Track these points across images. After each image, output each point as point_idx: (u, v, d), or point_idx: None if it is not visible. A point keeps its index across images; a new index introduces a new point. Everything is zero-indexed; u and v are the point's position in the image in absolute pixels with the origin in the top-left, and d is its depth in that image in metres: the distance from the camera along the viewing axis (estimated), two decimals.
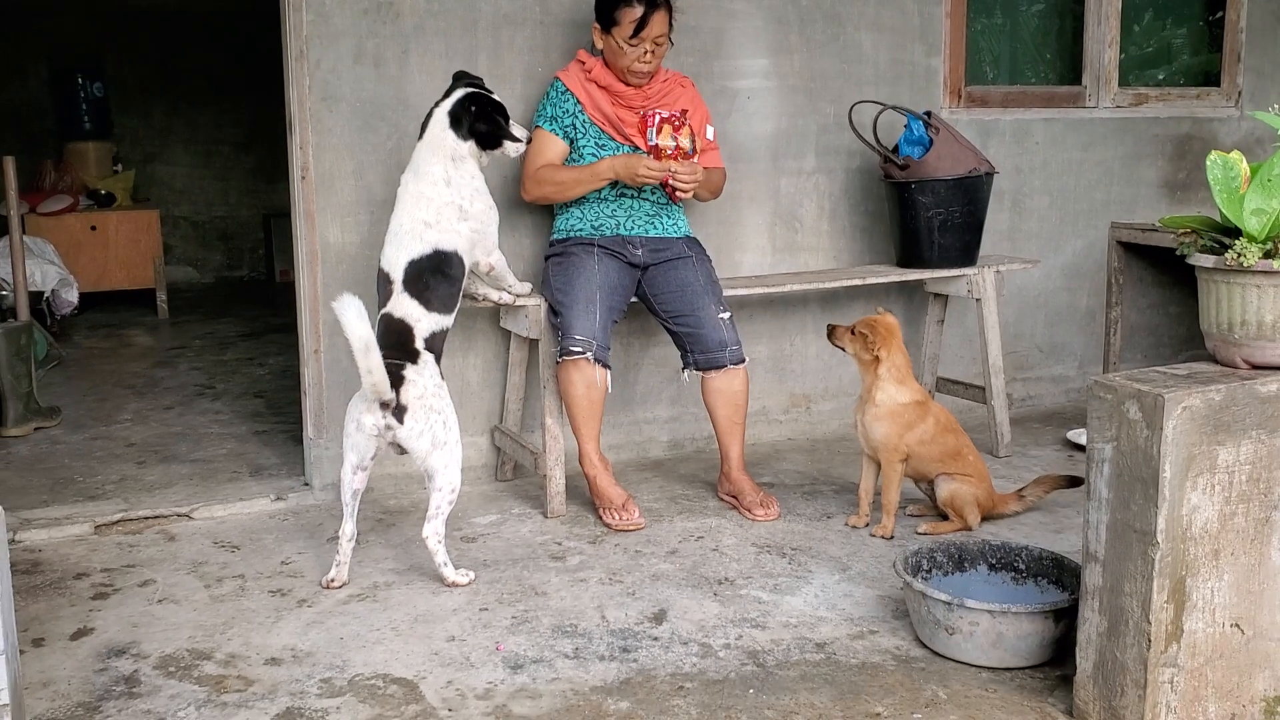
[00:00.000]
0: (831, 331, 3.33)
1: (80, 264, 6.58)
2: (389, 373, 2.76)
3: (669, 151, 3.51)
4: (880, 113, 3.97)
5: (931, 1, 4.28)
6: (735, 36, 4.01)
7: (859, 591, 2.90)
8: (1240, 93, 4.88)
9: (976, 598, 2.58)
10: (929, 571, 2.73)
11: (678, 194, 3.52)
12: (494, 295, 3.41)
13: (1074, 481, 3.32)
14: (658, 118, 3.49)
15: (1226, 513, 2.18)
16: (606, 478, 3.44)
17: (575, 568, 3.05)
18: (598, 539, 3.26)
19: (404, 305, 2.94)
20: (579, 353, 3.32)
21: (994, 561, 2.77)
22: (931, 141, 3.87)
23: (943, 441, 3.28)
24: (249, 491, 3.64)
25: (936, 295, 4.22)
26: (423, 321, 2.94)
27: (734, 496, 3.52)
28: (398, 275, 2.96)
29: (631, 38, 3.42)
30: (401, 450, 2.87)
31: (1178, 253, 2.35)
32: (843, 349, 3.32)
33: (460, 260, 3.03)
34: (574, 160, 3.55)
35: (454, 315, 3.04)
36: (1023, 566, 2.74)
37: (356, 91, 3.56)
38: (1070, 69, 4.71)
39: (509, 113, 3.14)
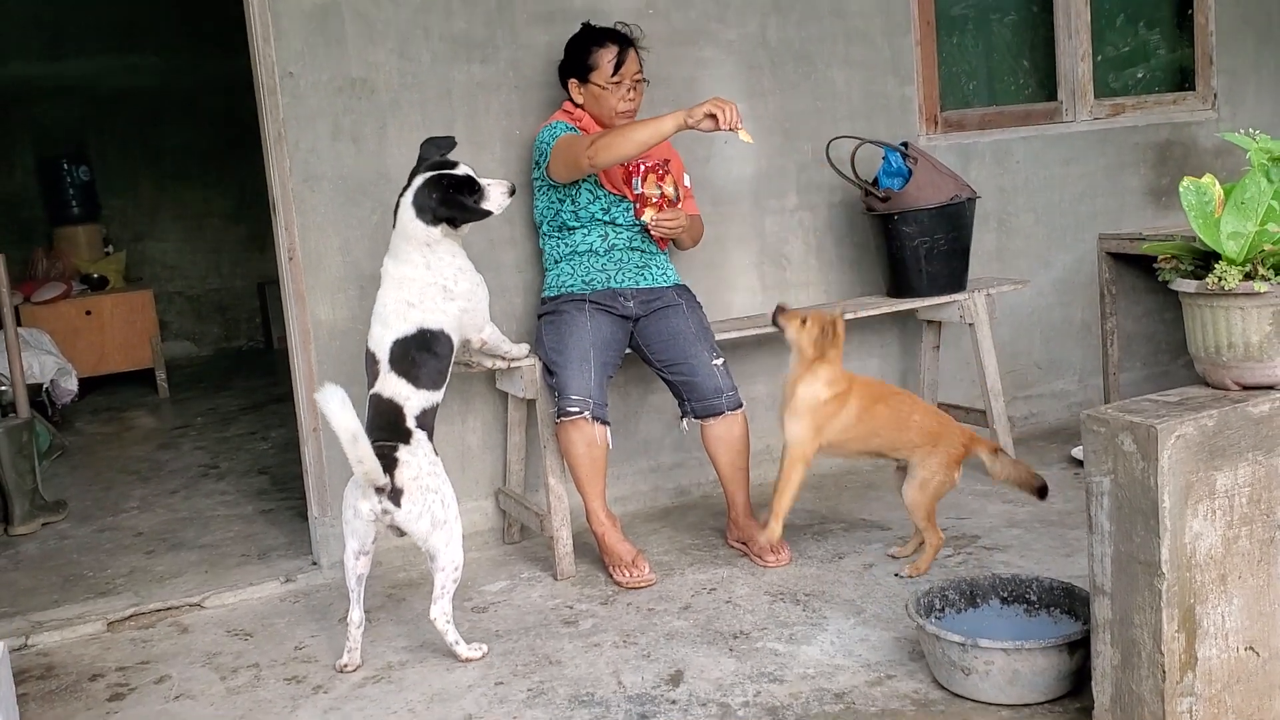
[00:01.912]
0: (780, 311, 3.25)
1: (78, 350, 6.60)
2: (381, 456, 2.76)
3: (654, 199, 3.53)
4: (858, 147, 3.99)
5: (900, 32, 4.31)
6: (708, 83, 4.03)
7: (874, 635, 2.89)
8: (1215, 95, 4.91)
9: (990, 634, 2.58)
10: (941, 611, 2.73)
11: (659, 238, 3.56)
12: (488, 363, 3.42)
13: (1041, 492, 3.22)
14: (642, 167, 3.52)
15: (1230, 537, 2.18)
16: (615, 534, 3.44)
17: (588, 632, 3.04)
18: (609, 599, 3.25)
19: (392, 385, 2.93)
20: (576, 412, 3.33)
21: (1006, 595, 2.76)
22: (911, 172, 3.89)
23: (874, 417, 3.20)
24: (258, 575, 3.64)
25: (929, 322, 4.23)
26: (412, 400, 2.92)
27: (744, 543, 3.52)
28: (384, 355, 2.95)
29: (612, 76, 3.46)
30: (401, 533, 2.87)
31: (1160, 279, 2.36)
32: (782, 330, 3.24)
33: (448, 338, 3.02)
34: (569, 206, 3.54)
35: (444, 391, 3.03)
36: (1034, 598, 2.73)
37: (337, 169, 3.58)
38: (1047, 80, 4.74)
39: (475, 179, 3.03)
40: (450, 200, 2.97)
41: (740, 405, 3.48)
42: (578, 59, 3.54)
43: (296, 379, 3.64)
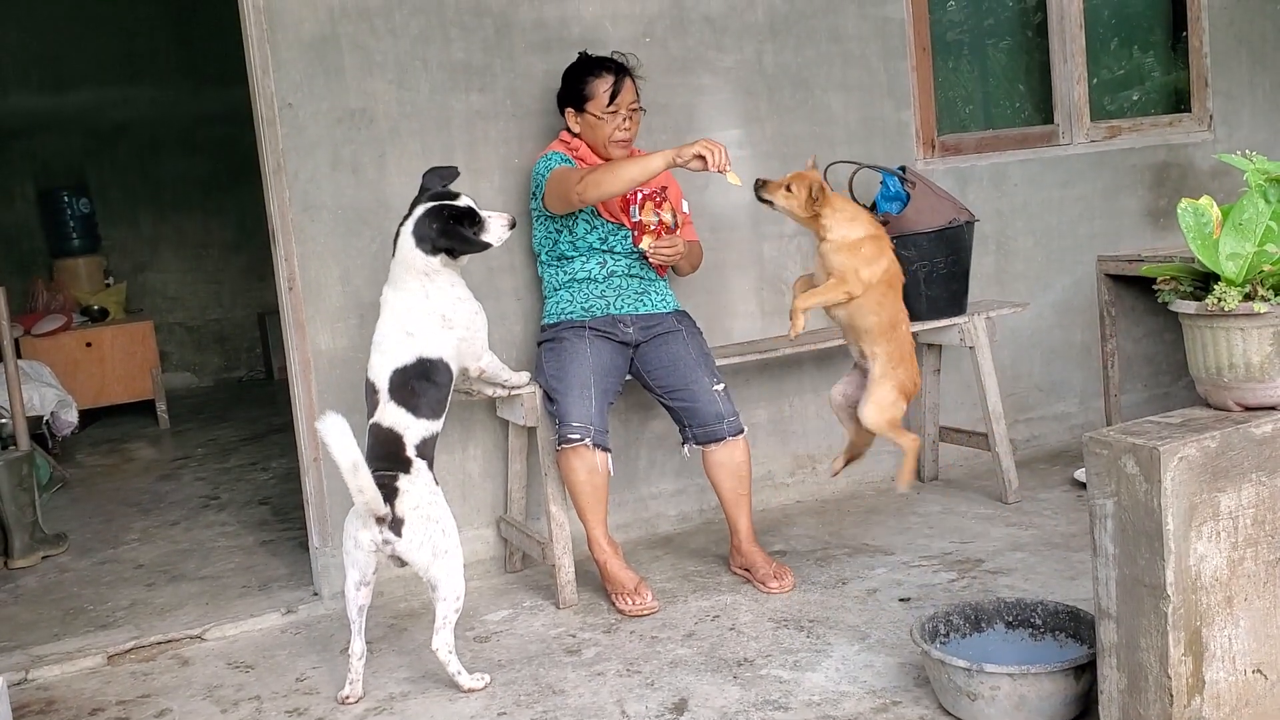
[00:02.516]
0: (763, 185, 3.19)
1: (78, 382, 6.59)
2: (382, 485, 2.76)
3: (652, 227, 3.53)
4: (855, 172, 4.00)
5: (896, 57, 4.34)
6: (706, 110, 4.05)
7: (879, 661, 2.87)
8: (1211, 116, 4.93)
9: (996, 659, 2.57)
10: (946, 635, 2.71)
11: (659, 265, 3.57)
12: (489, 391, 3.42)
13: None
14: (640, 195, 3.52)
15: (1235, 558, 2.17)
16: (617, 562, 3.42)
17: (591, 660, 3.02)
18: (612, 627, 3.23)
19: (392, 414, 2.92)
20: (577, 439, 3.32)
21: (1011, 619, 2.75)
22: (909, 196, 3.90)
23: (880, 301, 3.16)
24: (259, 607, 3.62)
25: (930, 346, 4.22)
26: (412, 429, 2.92)
27: (747, 570, 3.50)
28: (383, 384, 2.95)
29: (608, 106, 3.48)
30: (402, 563, 2.86)
31: (1160, 300, 2.36)
32: (771, 203, 3.19)
33: (447, 366, 3.02)
34: (566, 236, 3.55)
35: (444, 420, 3.03)
36: (1039, 622, 2.72)
37: (337, 199, 3.59)
38: (1043, 103, 4.76)
39: (476, 211, 3.04)
40: (450, 231, 2.97)
41: (742, 431, 3.47)
42: (574, 88, 3.55)
43: (297, 409, 3.64)
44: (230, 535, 4.50)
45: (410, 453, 2.89)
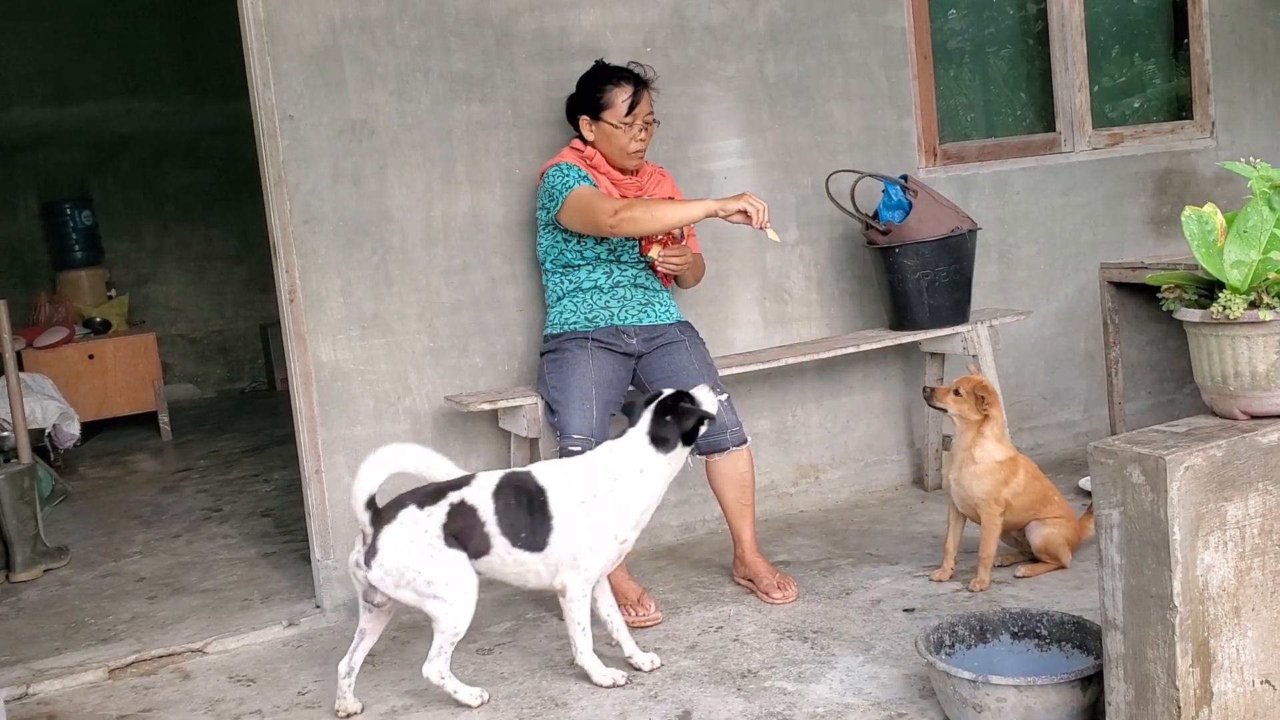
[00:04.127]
0: (931, 394, 3.39)
1: (80, 394, 6.59)
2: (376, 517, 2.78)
3: (660, 237, 3.53)
4: (857, 180, 4.00)
5: (898, 65, 4.33)
6: (707, 120, 4.05)
7: (884, 672, 2.85)
8: (1214, 123, 4.92)
9: (1001, 670, 2.55)
10: (951, 647, 2.69)
11: (664, 274, 3.56)
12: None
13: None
14: None
15: (1242, 568, 2.15)
16: (619, 573, 3.40)
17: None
18: (616, 640, 3.21)
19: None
20: (578, 451, 3.31)
21: (1016, 630, 2.73)
22: (911, 204, 3.90)
23: (1032, 490, 3.35)
24: (261, 619, 3.61)
25: (933, 355, 4.21)
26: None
27: (750, 580, 3.49)
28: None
29: (626, 116, 3.46)
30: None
31: (1164, 308, 2.35)
32: (944, 410, 3.36)
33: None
34: (574, 245, 3.51)
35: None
36: (1045, 633, 2.70)
37: (338, 211, 3.59)
38: (1045, 111, 4.75)
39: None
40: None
41: (745, 441, 3.46)
42: (590, 95, 3.52)
43: (298, 421, 3.63)
44: (232, 547, 4.49)
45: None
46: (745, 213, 3.22)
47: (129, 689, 3.24)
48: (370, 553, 2.77)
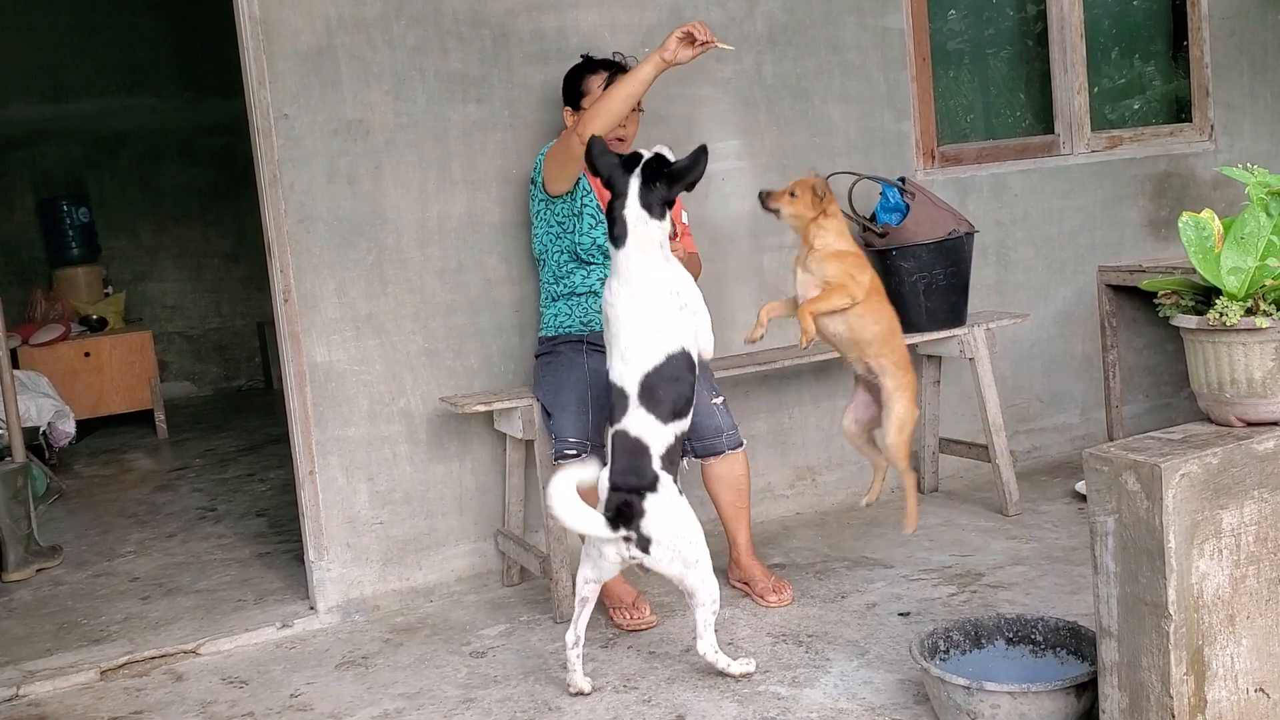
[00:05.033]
0: (767, 196, 3.15)
1: (76, 392, 6.57)
2: (627, 505, 2.73)
3: None
4: (855, 182, 3.98)
5: (896, 67, 4.32)
6: (705, 121, 4.03)
7: (878, 677, 2.84)
8: (1213, 126, 4.91)
9: (996, 676, 2.54)
10: (946, 652, 2.68)
11: None
12: None
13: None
14: None
15: (1237, 576, 2.14)
16: (615, 576, 3.39)
17: (588, 676, 2.99)
18: (609, 642, 3.20)
19: (640, 421, 2.80)
20: (573, 455, 3.30)
21: (1011, 636, 2.72)
22: (908, 207, 3.88)
23: (878, 309, 3.11)
24: (254, 621, 3.59)
25: (930, 357, 4.20)
26: (660, 437, 2.81)
27: (745, 583, 3.48)
28: (633, 390, 2.81)
29: None
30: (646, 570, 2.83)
31: (1161, 314, 2.34)
32: (777, 212, 3.13)
33: (689, 358, 2.88)
34: (572, 231, 3.49)
35: (690, 417, 2.91)
36: (1040, 638, 2.69)
37: (333, 210, 3.57)
38: (1043, 113, 4.74)
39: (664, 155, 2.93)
40: (675, 176, 2.87)
41: (741, 444, 3.45)
42: (573, 87, 3.53)
43: (292, 422, 3.61)
44: (226, 547, 4.47)
45: (656, 464, 2.80)
46: (688, 41, 3.13)
47: (121, 690, 3.23)
48: (644, 541, 2.74)
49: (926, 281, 3.89)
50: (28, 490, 4.39)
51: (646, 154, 2.91)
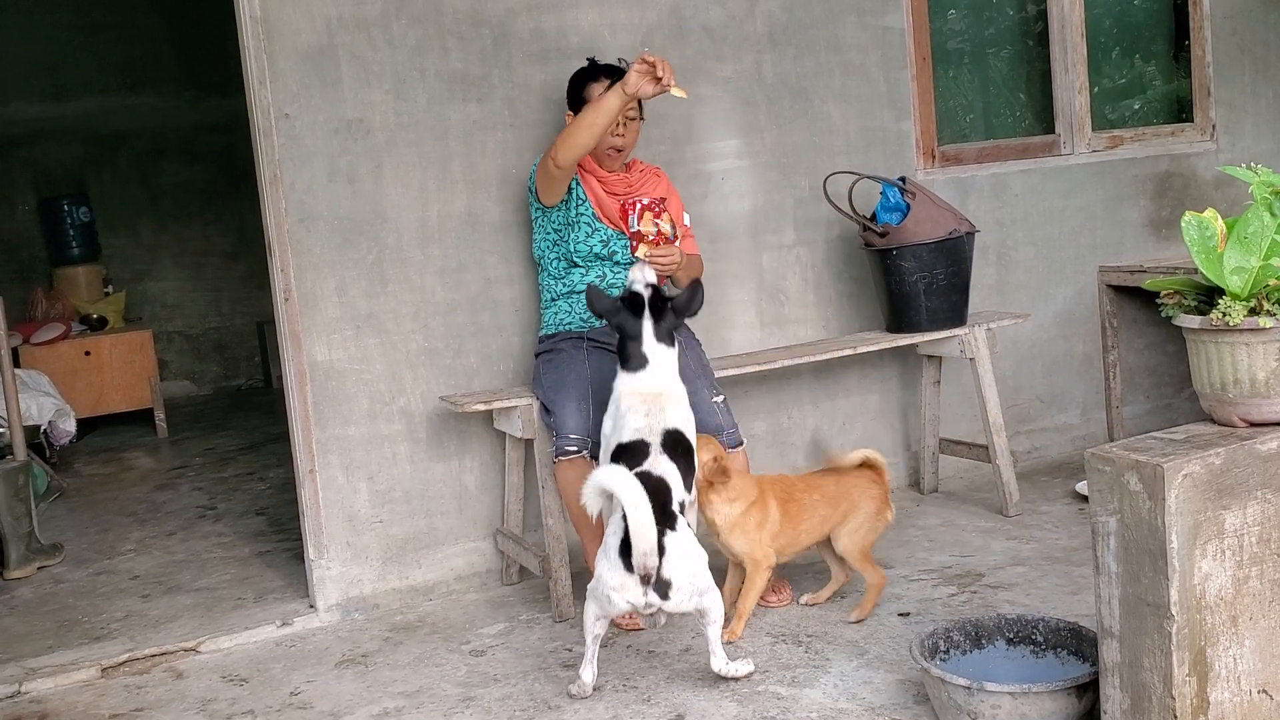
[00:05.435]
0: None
1: (76, 391, 6.57)
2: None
3: (651, 236, 3.50)
4: (855, 182, 3.98)
5: (896, 66, 4.31)
6: (705, 120, 4.03)
7: (878, 677, 2.84)
8: (1214, 126, 4.90)
9: (996, 676, 2.54)
10: (946, 652, 2.68)
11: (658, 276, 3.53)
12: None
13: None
14: (639, 205, 3.50)
15: (1240, 577, 2.14)
16: None
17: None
18: (609, 641, 3.19)
19: (665, 465, 2.87)
20: (575, 451, 3.30)
21: (1012, 636, 2.72)
22: (909, 206, 3.88)
23: (797, 517, 3.19)
24: (254, 619, 3.59)
25: (930, 357, 4.20)
26: (678, 484, 2.87)
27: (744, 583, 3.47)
28: (655, 439, 2.91)
29: None
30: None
31: (1163, 315, 2.33)
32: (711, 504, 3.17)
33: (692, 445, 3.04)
34: (570, 240, 3.51)
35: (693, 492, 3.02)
36: (1040, 639, 2.69)
37: (333, 210, 3.57)
38: (1044, 113, 4.74)
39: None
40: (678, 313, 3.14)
41: (741, 443, 3.44)
42: (575, 93, 3.54)
43: (292, 420, 3.61)
44: (226, 546, 4.47)
45: (675, 506, 2.82)
46: (647, 76, 3.14)
47: (121, 688, 3.22)
48: (662, 585, 2.69)
49: (927, 281, 3.89)
50: (29, 488, 4.38)
51: (642, 289, 3.10)
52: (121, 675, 3.31)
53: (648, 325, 3.06)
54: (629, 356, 3.06)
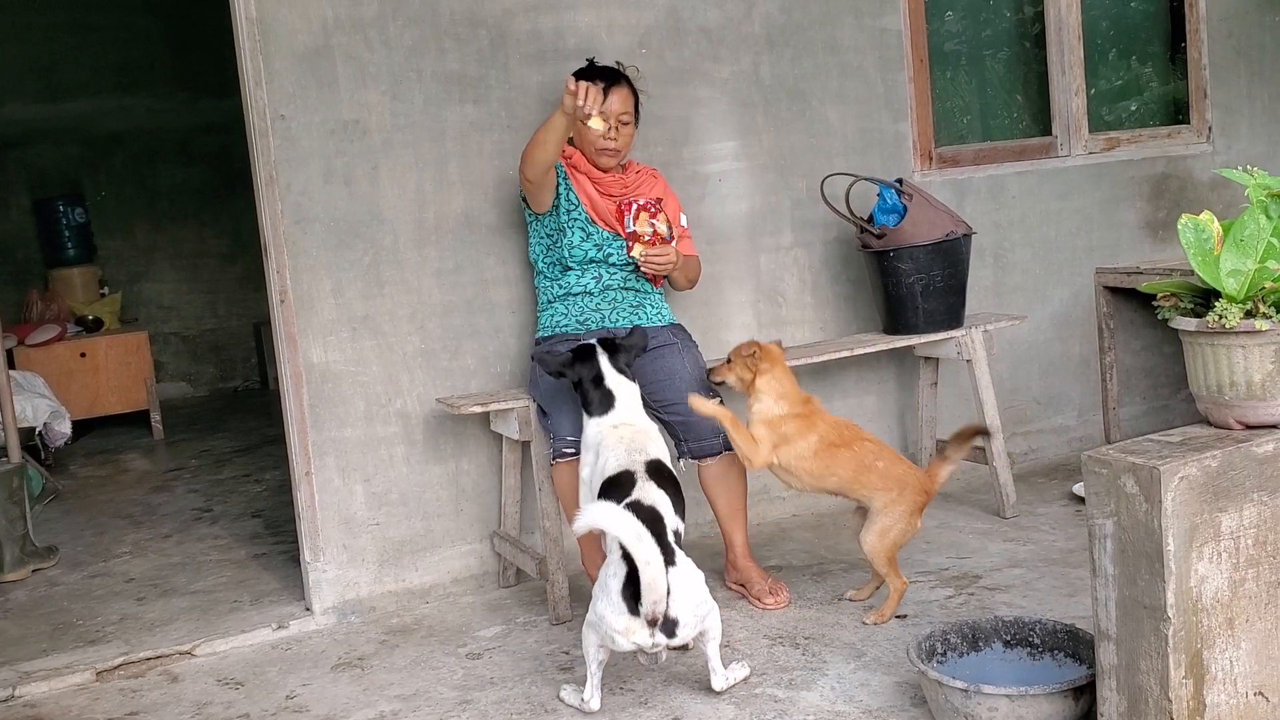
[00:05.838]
0: (710, 373, 3.32)
1: (72, 392, 6.55)
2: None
3: (646, 237, 3.51)
4: (852, 184, 3.98)
5: (894, 68, 4.31)
6: (702, 122, 4.03)
7: (875, 679, 2.84)
8: (1210, 128, 4.91)
9: (993, 678, 2.53)
10: (943, 654, 2.68)
11: (654, 276, 3.54)
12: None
13: (983, 431, 3.42)
14: (635, 205, 3.50)
15: (1236, 579, 2.14)
16: None
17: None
18: None
19: (653, 493, 2.82)
20: (572, 453, 3.30)
21: (1009, 638, 2.71)
22: (906, 208, 3.88)
23: (833, 457, 3.16)
24: (250, 622, 3.58)
25: (927, 359, 4.20)
26: (670, 513, 2.81)
27: (742, 585, 3.47)
28: (640, 469, 2.88)
29: None
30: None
31: (1159, 317, 2.33)
32: (723, 383, 3.26)
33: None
34: (564, 244, 3.51)
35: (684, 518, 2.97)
36: (1038, 641, 2.68)
37: (329, 211, 3.56)
38: (1041, 115, 4.74)
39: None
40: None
41: None
42: None
43: (289, 423, 3.60)
44: (222, 548, 4.46)
45: (671, 538, 2.76)
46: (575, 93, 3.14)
47: (116, 691, 3.21)
48: (669, 624, 2.63)
49: (924, 283, 3.88)
50: (24, 491, 4.37)
51: (588, 341, 3.21)
52: (116, 679, 3.30)
53: (604, 360, 3.12)
54: (594, 401, 3.10)
